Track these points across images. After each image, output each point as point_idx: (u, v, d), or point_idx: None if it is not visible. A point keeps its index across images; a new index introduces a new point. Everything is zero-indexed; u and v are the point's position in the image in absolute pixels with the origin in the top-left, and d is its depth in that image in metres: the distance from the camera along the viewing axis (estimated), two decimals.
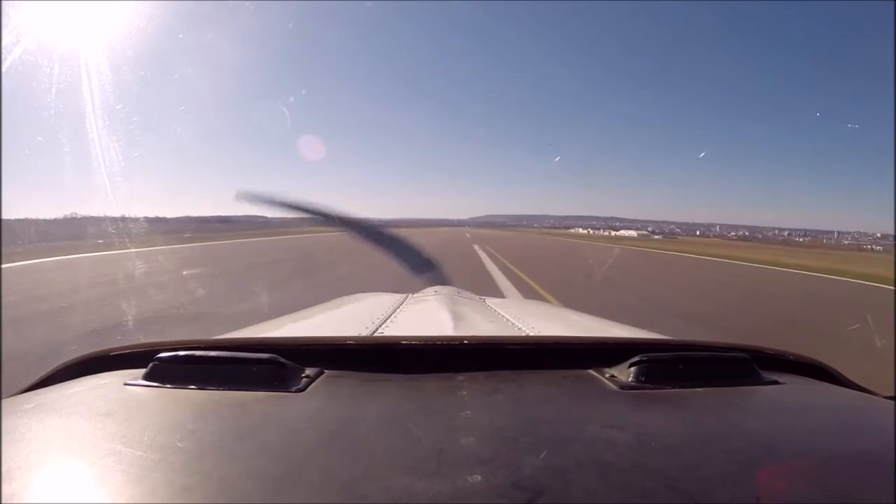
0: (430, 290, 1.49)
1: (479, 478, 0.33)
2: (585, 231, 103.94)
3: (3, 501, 0.30)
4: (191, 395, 0.49)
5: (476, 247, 13.69)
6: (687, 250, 22.18)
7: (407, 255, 2.24)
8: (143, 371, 0.54)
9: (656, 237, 70.65)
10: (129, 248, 8.72)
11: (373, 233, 2.21)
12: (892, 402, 0.57)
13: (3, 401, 0.51)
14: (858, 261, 18.49)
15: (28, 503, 0.31)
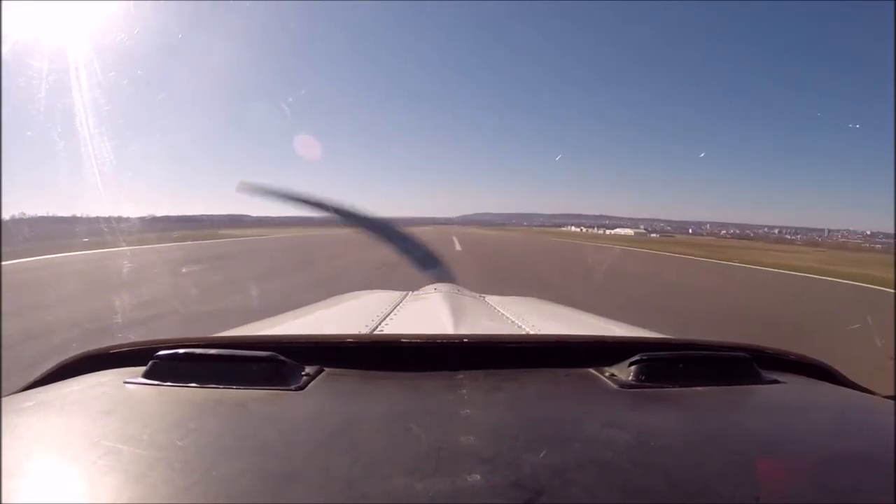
0: (430, 287, 1.47)
1: (479, 477, 0.33)
2: (578, 230, 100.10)
3: (2, 500, 0.30)
4: (190, 394, 0.49)
5: None
6: (725, 257, 17.89)
7: (413, 251, 2.11)
8: (142, 369, 0.53)
9: (654, 236, 66.96)
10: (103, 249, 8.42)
11: (380, 228, 2.08)
12: (892, 401, 0.57)
13: (3, 399, 0.51)
14: None
15: (28, 502, 0.30)
